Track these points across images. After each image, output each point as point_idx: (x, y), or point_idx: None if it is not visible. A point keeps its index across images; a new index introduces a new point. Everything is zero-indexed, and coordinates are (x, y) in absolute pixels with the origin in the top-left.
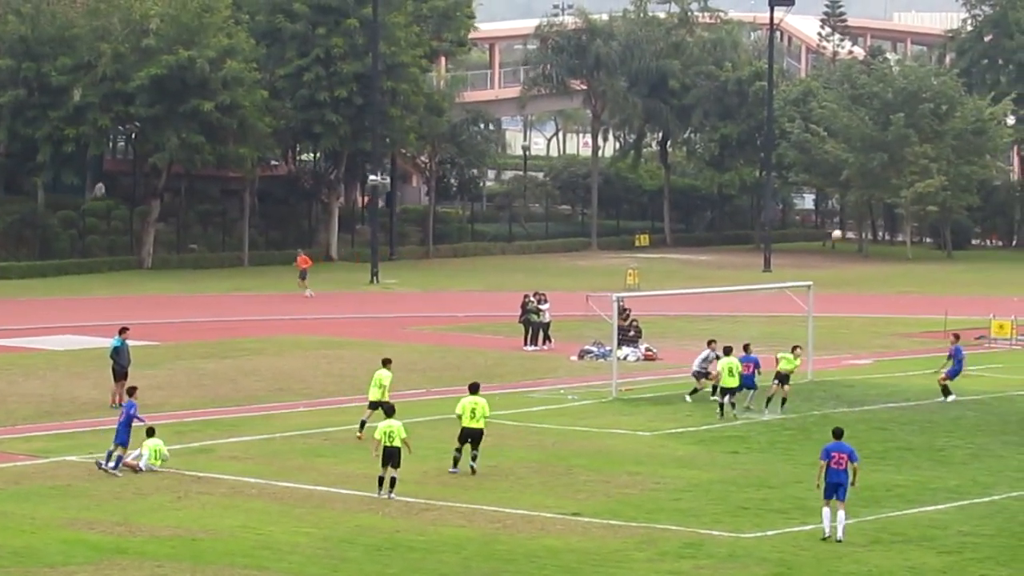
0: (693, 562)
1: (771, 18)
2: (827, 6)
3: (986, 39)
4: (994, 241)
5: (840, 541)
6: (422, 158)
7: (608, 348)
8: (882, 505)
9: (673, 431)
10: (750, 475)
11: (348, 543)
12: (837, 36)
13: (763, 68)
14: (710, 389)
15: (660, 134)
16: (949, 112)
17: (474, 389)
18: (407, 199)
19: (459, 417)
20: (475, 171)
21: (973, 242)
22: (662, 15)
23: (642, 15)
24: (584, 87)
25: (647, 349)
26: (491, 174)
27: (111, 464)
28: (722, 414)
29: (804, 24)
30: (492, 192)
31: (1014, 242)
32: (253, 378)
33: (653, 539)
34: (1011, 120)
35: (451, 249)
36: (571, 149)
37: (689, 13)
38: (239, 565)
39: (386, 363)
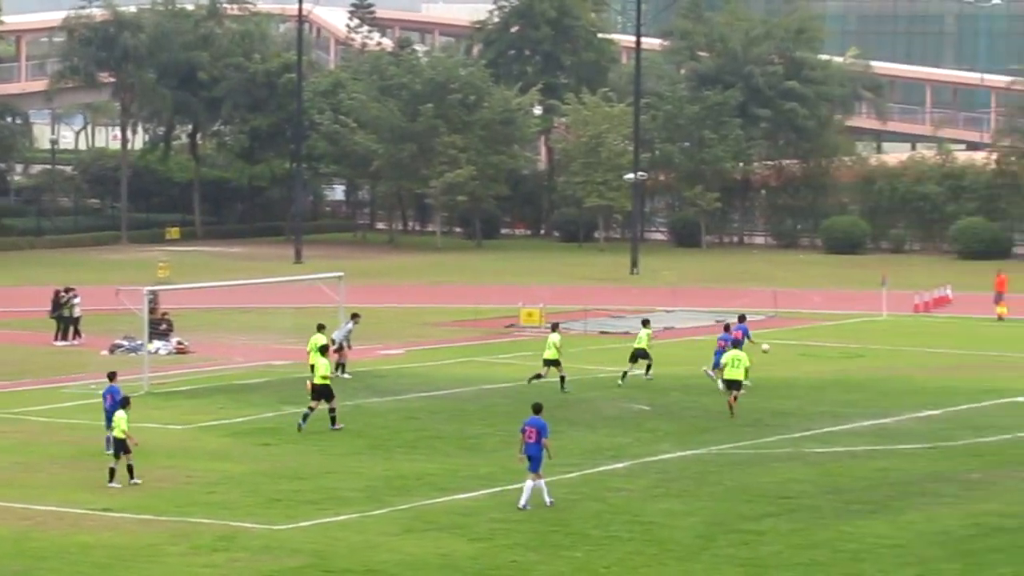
0: (227, 555)
1: (299, 10)
2: None
3: (513, 30)
4: (523, 230)
5: (551, 504)
6: None
7: (139, 342)
8: (414, 494)
9: (206, 424)
10: (283, 467)
11: None
12: (366, 28)
13: (292, 60)
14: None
15: (190, 126)
16: (477, 103)
17: (323, 351)
18: None
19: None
20: (2, 165)
21: (502, 231)
22: (191, 7)
23: (170, 7)
24: (113, 80)
25: (179, 343)
26: (19, 168)
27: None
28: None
29: (333, 16)
30: (20, 186)
31: (542, 231)
32: None
33: (186, 533)
34: (538, 110)
35: None
36: (100, 142)
37: (218, 5)
38: None
39: (645, 323)
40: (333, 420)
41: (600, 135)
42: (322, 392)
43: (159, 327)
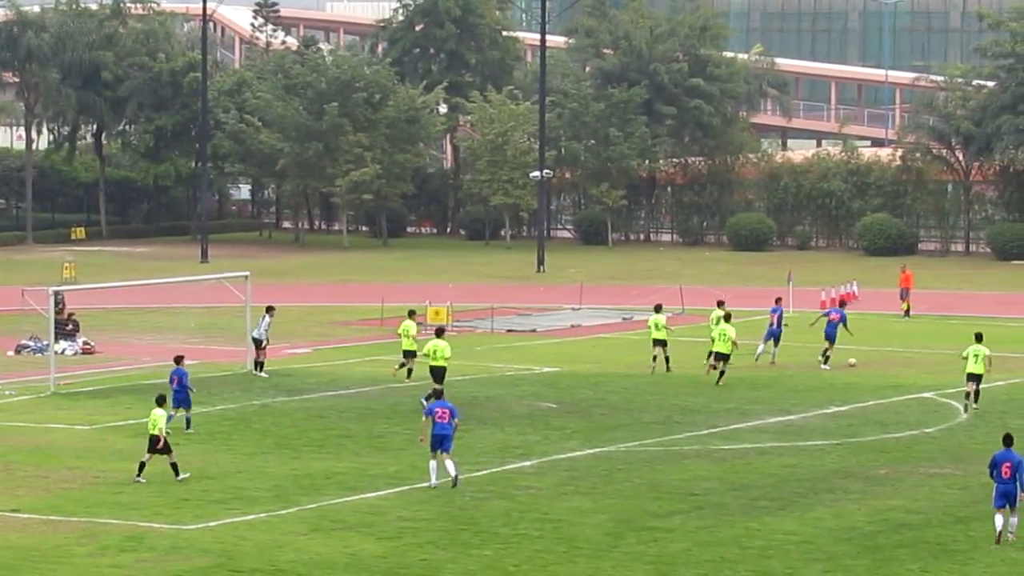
0: (135, 555)
1: (204, 9)
2: None
3: (417, 28)
4: (429, 228)
5: (455, 487)
6: None
7: (45, 342)
8: (322, 493)
9: (113, 424)
10: (191, 466)
11: None
12: (270, 27)
13: (197, 59)
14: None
15: (95, 126)
16: (382, 101)
17: (439, 333)
18: None
19: (426, 356)
20: None
21: (408, 229)
22: (94, 7)
23: (74, 7)
24: (17, 79)
25: (85, 343)
26: None
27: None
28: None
29: (237, 15)
30: None
31: (448, 229)
32: None
33: (94, 533)
34: (443, 109)
35: None
36: (5, 142)
37: (122, 4)
38: None
39: (721, 304)
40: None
41: (505, 133)
42: (440, 375)
43: (65, 327)
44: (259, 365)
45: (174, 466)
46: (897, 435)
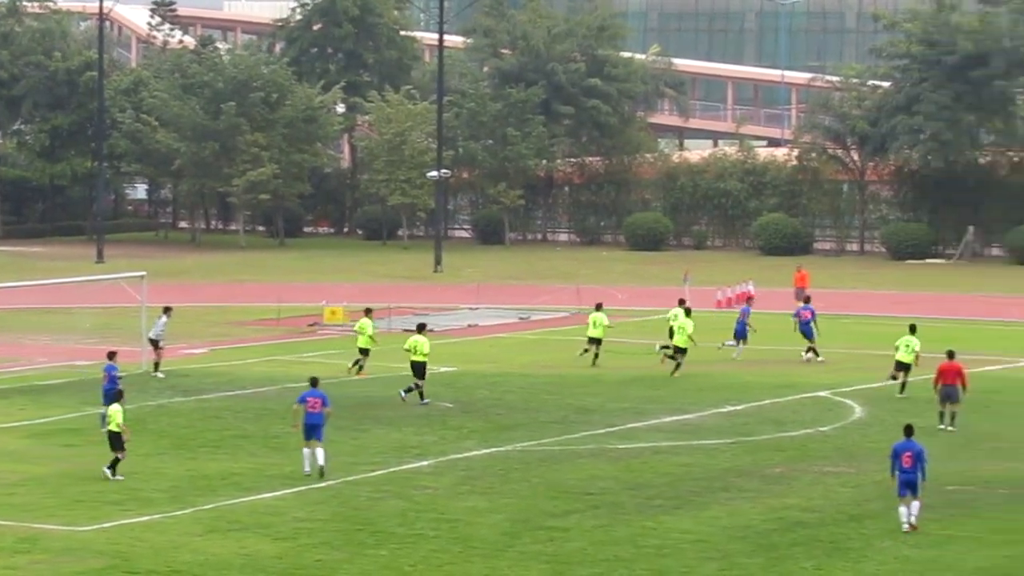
0: (28, 557)
1: (100, 7)
2: None
3: (315, 28)
4: (325, 228)
5: (322, 475)
6: None
7: None
8: (218, 493)
9: (6, 425)
10: (86, 468)
11: None
12: (167, 26)
13: (93, 58)
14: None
15: None
16: (280, 101)
17: (420, 328)
18: None
19: (407, 351)
20: None
21: (305, 229)
22: None
23: None
24: None
25: None
26: None
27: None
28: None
29: (134, 14)
30: None
31: (345, 229)
32: None
33: None
34: (341, 108)
35: None
36: None
37: (18, 3)
38: None
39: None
40: (422, 395)
41: (403, 133)
42: (419, 369)
43: None
44: (155, 365)
45: (115, 463)
46: (792, 434)
